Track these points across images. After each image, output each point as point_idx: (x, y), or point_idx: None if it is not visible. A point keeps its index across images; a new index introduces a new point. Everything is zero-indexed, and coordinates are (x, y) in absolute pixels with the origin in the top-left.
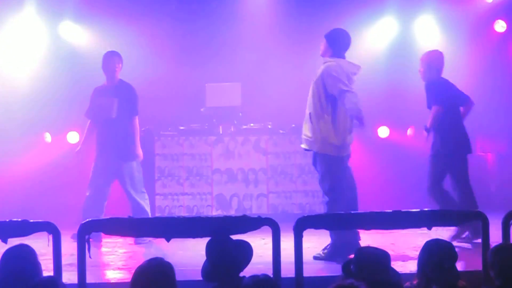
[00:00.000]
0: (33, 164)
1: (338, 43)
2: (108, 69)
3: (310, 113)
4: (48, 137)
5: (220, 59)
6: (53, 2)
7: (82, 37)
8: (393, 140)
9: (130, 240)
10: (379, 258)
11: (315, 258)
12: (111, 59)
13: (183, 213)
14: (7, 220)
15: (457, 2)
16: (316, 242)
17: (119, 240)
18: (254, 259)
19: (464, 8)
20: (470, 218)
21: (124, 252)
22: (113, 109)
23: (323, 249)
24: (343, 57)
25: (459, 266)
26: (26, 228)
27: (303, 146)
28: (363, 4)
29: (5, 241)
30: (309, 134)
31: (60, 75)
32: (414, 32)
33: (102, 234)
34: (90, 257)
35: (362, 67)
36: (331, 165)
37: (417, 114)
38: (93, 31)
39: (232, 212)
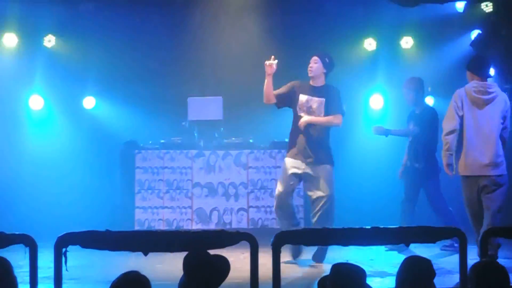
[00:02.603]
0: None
1: (470, 67)
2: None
3: None
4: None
5: (203, 73)
6: (35, 19)
7: (66, 50)
8: None
9: (108, 252)
10: (354, 274)
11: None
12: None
13: (163, 226)
14: None
15: (434, 23)
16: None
17: (97, 252)
18: (233, 274)
19: (440, 26)
20: (447, 235)
21: (102, 265)
22: (322, 109)
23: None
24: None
25: (437, 283)
26: (2, 240)
27: None
28: (345, 25)
29: None
30: None
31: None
32: (395, 53)
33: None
34: (67, 270)
35: (344, 86)
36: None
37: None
38: (77, 45)
39: (212, 226)
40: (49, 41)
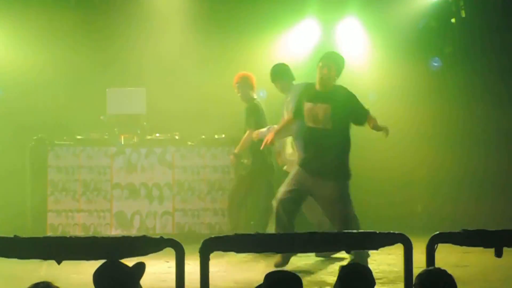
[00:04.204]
0: None
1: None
2: None
3: None
4: None
5: (124, 62)
6: None
7: None
8: None
9: (17, 261)
10: (289, 282)
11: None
12: None
13: (79, 232)
14: None
15: (380, 2)
16: (226, 265)
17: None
18: (157, 283)
19: (388, 9)
20: (392, 241)
21: (10, 275)
22: None
23: None
24: None
25: None
26: None
27: None
28: (281, 6)
29: None
30: None
31: None
32: (337, 35)
33: None
34: None
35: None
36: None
37: None
38: None
39: (134, 232)
40: None
